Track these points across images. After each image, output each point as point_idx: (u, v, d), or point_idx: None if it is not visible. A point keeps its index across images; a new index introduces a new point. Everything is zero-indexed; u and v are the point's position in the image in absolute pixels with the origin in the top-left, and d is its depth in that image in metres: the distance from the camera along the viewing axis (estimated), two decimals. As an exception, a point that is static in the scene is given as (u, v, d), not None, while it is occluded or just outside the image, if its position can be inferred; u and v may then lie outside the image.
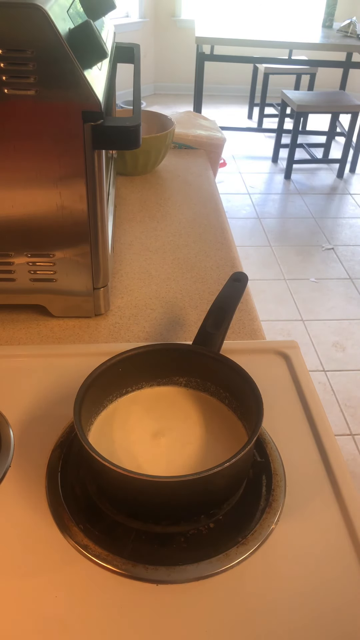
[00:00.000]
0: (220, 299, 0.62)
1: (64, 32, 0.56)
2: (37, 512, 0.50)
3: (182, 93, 5.35)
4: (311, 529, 0.50)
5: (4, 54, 0.55)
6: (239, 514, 0.51)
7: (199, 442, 0.54)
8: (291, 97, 3.55)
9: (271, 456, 0.56)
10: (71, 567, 0.46)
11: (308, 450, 0.58)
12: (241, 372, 0.54)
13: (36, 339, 0.74)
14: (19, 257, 0.71)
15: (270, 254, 2.87)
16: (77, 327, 0.76)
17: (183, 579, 0.46)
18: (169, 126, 1.21)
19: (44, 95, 0.58)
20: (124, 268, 0.91)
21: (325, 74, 4.94)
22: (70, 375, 0.60)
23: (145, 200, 1.13)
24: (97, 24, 0.70)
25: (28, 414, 0.60)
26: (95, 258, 0.72)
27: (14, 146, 0.61)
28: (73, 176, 0.64)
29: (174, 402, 0.59)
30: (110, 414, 0.57)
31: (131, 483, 0.45)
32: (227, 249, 0.98)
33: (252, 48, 3.55)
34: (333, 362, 2.16)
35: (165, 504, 0.49)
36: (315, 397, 0.64)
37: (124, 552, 0.47)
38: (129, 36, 4.73)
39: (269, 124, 4.54)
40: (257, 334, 0.77)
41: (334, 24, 3.79)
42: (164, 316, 0.80)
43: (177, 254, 0.95)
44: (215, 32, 3.44)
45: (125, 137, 0.62)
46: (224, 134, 1.44)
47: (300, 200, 3.45)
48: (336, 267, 2.77)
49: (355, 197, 3.52)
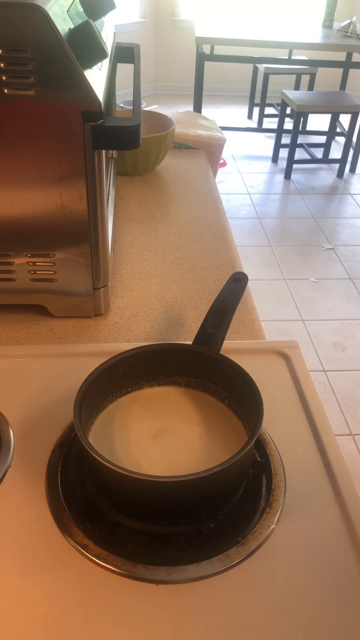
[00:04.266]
0: (220, 299, 0.62)
1: (64, 32, 0.56)
2: (37, 512, 0.50)
3: (182, 93, 5.35)
4: (311, 529, 0.50)
5: (4, 54, 0.55)
6: (239, 514, 0.51)
7: (199, 442, 0.54)
8: (291, 97, 3.55)
9: (271, 456, 0.56)
10: (71, 567, 0.46)
11: (308, 450, 0.58)
12: (241, 372, 0.54)
13: (36, 339, 0.74)
14: (19, 257, 0.71)
15: (270, 254, 2.87)
16: (77, 327, 0.76)
17: (183, 579, 0.46)
18: (169, 126, 1.21)
19: (44, 95, 0.58)
20: (124, 268, 0.91)
21: (325, 74, 4.94)
22: (70, 375, 0.60)
23: (145, 200, 1.13)
24: (97, 24, 0.70)
25: (28, 414, 0.60)
26: (95, 258, 0.72)
27: (14, 146, 0.61)
28: (73, 176, 0.64)
29: (174, 402, 0.59)
30: (110, 414, 0.57)
31: (131, 483, 0.45)
32: (227, 249, 0.98)
33: (252, 48, 3.55)
34: (333, 362, 2.16)
35: (166, 504, 0.49)
36: (315, 397, 0.64)
37: (124, 552, 0.47)
38: (129, 36, 4.73)
39: (269, 124, 4.54)
40: (257, 334, 0.77)
41: (334, 24, 3.79)
42: (164, 316, 0.80)
43: (177, 254, 0.95)
44: (215, 32, 3.43)
45: (125, 137, 0.62)
46: (224, 134, 1.44)
47: (300, 200, 3.45)
48: (336, 267, 2.77)
49: (355, 197, 3.52)
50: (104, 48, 0.60)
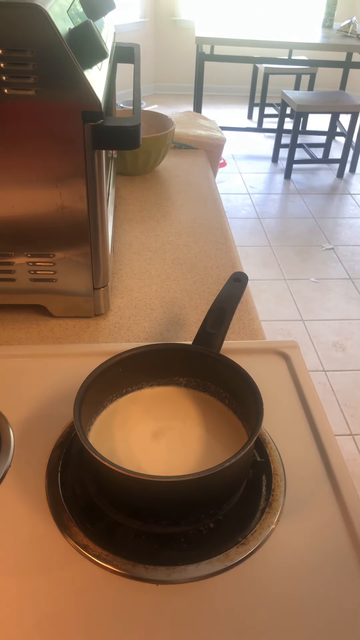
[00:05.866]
0: (220, 299, 0.62)
1: (64, 32, 0.56)
2: (37, 512, 0.50)
3: (182, 93, 5.35)
4: (311, 529, 0.50)
5: (4, 54, 0.55)
6: (239, 514, 0.51)
7: (199, 442, 0.54)
8: (291, 97, 3.55)
9: (271, 456, 0.56)
10: (71, 567, 0.46)
11: (308, 450, 0.58)
12: (241, 372, 0.54)
13: (36, 339, 0.74)
14: (19, 257, 0.71)
15: (270, 254, 2.87)
16: (77, 327, 0.76)
17: (183, 579, 0.46)
18: (169, 126, 1.21)
19: (44, 95, 0.58)
20: (124, 268, 0.91)
21: (325, 74, 4.94)
22: (70, 375, 0.60)
23: (145, 200, 1.13)
24: (97, 24, 0.70)
25: (28, 414, 0.60)
26: (95, 258, 0.72)
27: (14, 146, 0.61)
28: (73, 176, 0.64)
29: (174, 402, 0.59)
30: (110, 414, 0.57)
31: (131, 483, 0.45)
32: (227, 249, 0.98)
33: (252, 48, 3.54)
34: (333, 362, 2.16)
35: (165, 504, 0.49)
36: (315, 397, 0.64)
37: (124, 552, 0.47)
38: (129, 36, 4.73)
39: (269, 124, 4.54)
40: (257, 334, 0.77)
41: (334, 24, 3.79)
42: (164, 316, 0.80)
43: (177, 254, 0.95)
44: (215, 32, 3.43)
45: (125, 137, 0.62)
46: (224, 134, 1.44)
47: (300, 200, 3.45)
48: (336, 267, 2.77)
49: (355, 197, 3.52)
50: (104, 48, 0.60)
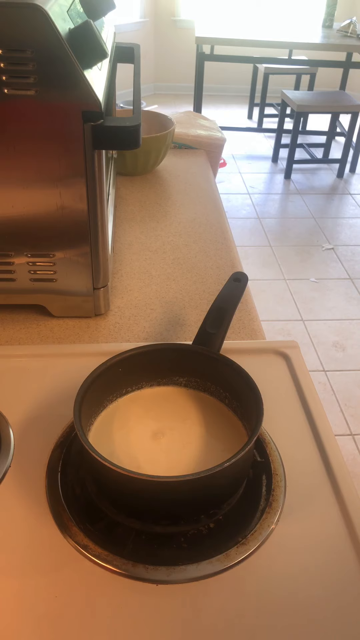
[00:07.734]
0: (220, 299, 0.62)
1: (64, 32, 0.56)
2: (37, 512, 0.50)
3: (182, 93, 5.35)
4: (311, 529, 0.50)
5: (4, 54, 0.55)
6: (239, 514, 0.51)
7: (199, 442, 0.54)
8: (291, 97, 3.55)
9: (271, 456, 0.56)
10: (71, 567, 0.46)
11: (308, 450, 0.58)
12: (241, 372, 0.54)
13: (36, 339, 0.74)
14: (19, 257, 0.71)
15: (270, 254, 2.87)
16: (77, 327, 0.76)
17: (183, 579, 0.46)
18: (169, 126, 1.21)
19: (44, 95, 0.58)
20: (124, 268, 0.91)
21: (325, 74, 4.94)
22: (70, 375, 0.60)
23: (145, 200, 1.13)
24: (97, 24, 0.70)
25: (28, 414, 0.60)
26: (95, 258, 0.72)
27: (14, 146, 0.61)
28: (73, 176, 0.64)
29: (174, 402, 0.59)
30: (110, 414, 0.57)
31: (131, 483, 0.45)
32: (227, 249, 0.98)
33: (252, 48, 3.55)
34: (333, 362, 2.16)
35: (165, 504, 0.49)
36: (315, 397, 0.64)
37: (124, 552, 0.47)
38: (129, 36, 4.73)
39: (269, 124, 4.54)
40: (257, 334, 0.77)
41: (334, 24, 3.79)
42: (164, 316, 0.80)
43: (177, 254, 0.95)
44: (215, 32, 3.43)
45: (125, 137, 0.62)
46: (224, 134, 1.44)
47: (300, 200, 3.45)
48: (336, 267, 2.77)
49: (355, 197, 3.52)
50: (104, 48, 0.60)
